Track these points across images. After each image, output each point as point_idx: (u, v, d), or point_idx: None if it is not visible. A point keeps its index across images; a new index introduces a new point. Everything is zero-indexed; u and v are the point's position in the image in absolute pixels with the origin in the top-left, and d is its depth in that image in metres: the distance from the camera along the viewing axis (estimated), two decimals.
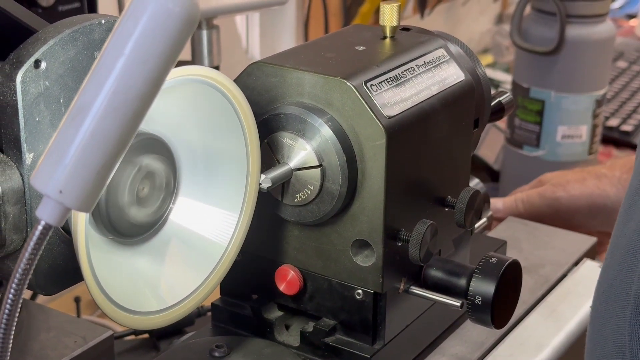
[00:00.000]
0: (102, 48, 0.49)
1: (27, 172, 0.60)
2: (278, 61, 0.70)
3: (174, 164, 0.69)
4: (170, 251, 0.70)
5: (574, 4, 1.34)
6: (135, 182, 0.65)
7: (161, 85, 0.49)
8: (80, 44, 0.62)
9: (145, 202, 0.67)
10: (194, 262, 0.70)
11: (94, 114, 0.48)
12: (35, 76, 0.59)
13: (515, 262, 0.73)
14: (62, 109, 0.61)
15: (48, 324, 0.77)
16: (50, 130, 0.61)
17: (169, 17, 0.48)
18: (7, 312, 0.48)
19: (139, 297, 0.66)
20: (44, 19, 0.67)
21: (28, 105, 0.59)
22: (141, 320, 0.65)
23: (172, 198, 0.69)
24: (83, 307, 1.15)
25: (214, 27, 1.12)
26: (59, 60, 0.61)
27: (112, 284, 0.63)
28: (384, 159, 0.66)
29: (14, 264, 0.62)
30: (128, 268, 0.67)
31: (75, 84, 0.62)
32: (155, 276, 0.68)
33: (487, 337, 0.79)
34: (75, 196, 0.48)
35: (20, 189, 0.60)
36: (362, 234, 0.69)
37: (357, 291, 0.70)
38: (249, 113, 0.68)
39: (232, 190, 0.70)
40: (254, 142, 0.68)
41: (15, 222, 0.60)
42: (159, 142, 0.67)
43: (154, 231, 0.69)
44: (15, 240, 0.61)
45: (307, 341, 0.72)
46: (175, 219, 0.70)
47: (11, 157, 0.60)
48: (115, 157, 0.49)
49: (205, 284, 0.69)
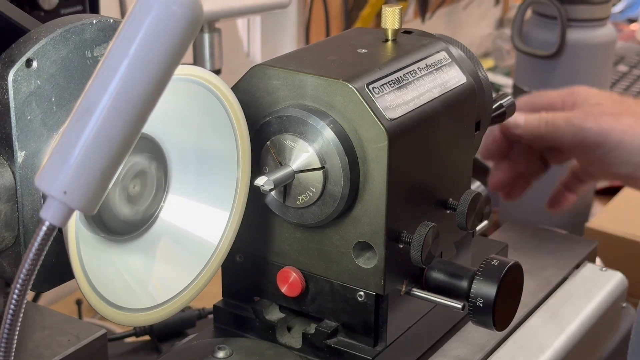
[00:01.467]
0: (107, 49, 0.49)
1: (19, 170, 0.61)
2: (280, 64, 0.70)
3: (165, 163, 0.70)
4: (161, 249, 0.70)
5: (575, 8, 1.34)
6: (126, 180, 0.66)
7: (165, 86, 0.50)
8: (71, 43, 0.62)
9: (136, 200, 0.68)
10: (185, 260, 0.70)
11: (98, 115, 0.48)
12: (27, 75, 0.60)
13: (517, 265, 0.73)
14: (54, 107, 0.62)
15: (43, 323, 0.77)
16: (41, 129, 0.61)
17: (173, 19, 0.48)
18: (11, 312, 0.49)
19: (130, 294, 0.67)
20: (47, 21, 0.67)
21: (20, 103, 0.60)
22: (132, 317, 0.66)
23: (163, 196, 0.70)
24: (85, 309, 1.15)
25: (216, 30, 1.13)
26: (50, 60, 0.61)
27: (103, 281, 0.64)
28: (386, 161, 0.67)
29: (6, 261, 0.63)
30: (119, 265, 0.68)
31: (66, 83, 0.62)
32: (146, 273, 0.69)
33: (488, 340, 0.79)
34: (80, 197, 0.48)
35: (11, 187, 0.61)
36: (364, 236, 0.69)
37: (359, 293, 0.71)
38: (239, 112, 0.68)
39: (223, 189, 0.70)
40: (245, 140, 0.69)
41: (7, 219, 0.61)
42: (149, 140, 0.68)
43: (144, 229, 0.70)
44: (7, 237, 0.61)
45: (309, 343, 0.73)
46: (166, 217, 0.70)
47: (3, 155, 0.61)
48: (119, 158, 0.49)
49: (196, 281, 0.70)
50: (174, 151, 0.70)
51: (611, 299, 0.89)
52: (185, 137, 0.70)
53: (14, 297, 0.49)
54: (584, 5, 1.34)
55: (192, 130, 0.69)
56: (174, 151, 0.70)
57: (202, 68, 0.66)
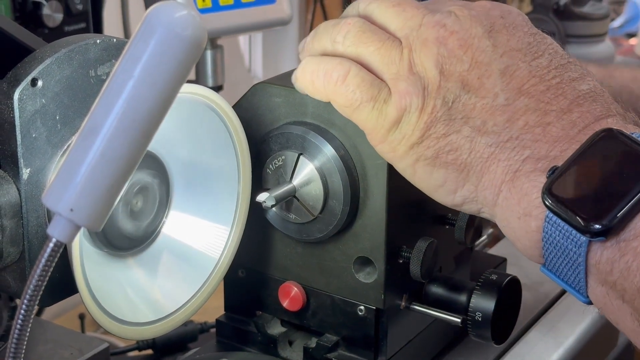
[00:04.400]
0: (112, 70, 0.50)
1: (24, 187, 0.62)
2: (282, 82, 0.71)
3: (167, 179, 0.71)
4: (163, 264, 0.71)
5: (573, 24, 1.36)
6: (129, 196, 0.67)
7: (169, 106, 0.51)
8: (75, 62, 0.63)
9: (138, 215, 0.69)
10: (187, 275, 0.71)
11: (104, 135, 0.49)
12: (32, 94, 0.61)
13: (515, 279, 0.74)
14: (58, 125, 0.63)
15: (46, 336, 0.78)
16: (46, 146, 0.62)
17: (177, 41, 0.49)
18: (19, 327, 0.49)
19: (132, 308, 0.68)
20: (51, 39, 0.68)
21: (25, 122, 0.61)
22: (134, 331, 0.67)
23: (165, 212, 0.71)
24: (87, 324, 1.16)
25: (218, 47, 1.14)
26: (55, 79, 0.62)
27: (106, 296, 0.65)
28: (386, 178, 0.67)
29: (10, 276, 0.64)
30: (121, 280, 0.69)
31: (70, 101, 0.63)
32: (148, 288, 0.70)
33: (487, 353, 0.80)
34: (86, 214, 0.49)
35: (17, 203, 0.62)
36: (364, 251, 0.70)
37: (359, 307, 0.71)
38: (240, 129, 0.70)
39: (224, 205, 0.71)
40: (245, 157, 0.70)
41: (12, 235, 0.62)
42: (152, 157, 0.69)
43: (147, 244, 0.71)
44: (12, 253, 0.62)
45: (310, 357, 0.73)
46: (168, 232, 0.72)
47: (8, 172, 0.62)
48: (125, 176, 0.50)
49: (197, 296, 0.71)
50: (176, 167, 0.71)
51: None
52: (187, 153, 0.71)
53: (22, 313, 0.49)
54: (582, 22, 1.36)
55: (193, 147, 0.71)
56: (176, 167, 0.71)
57: (203, 86, 0.67)
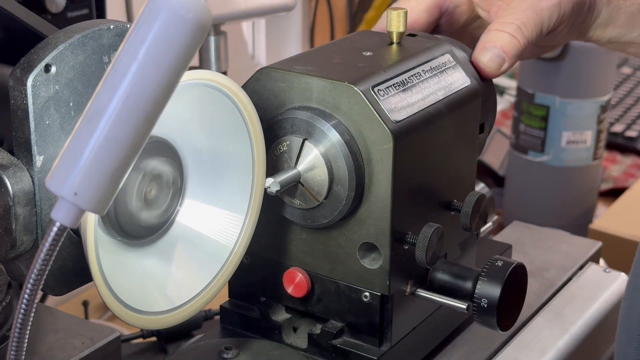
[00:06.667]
0: (116, 53, 0.50)
1: (37, 175, 0.61)
2: (286, 66, 0.71)
3: (181, 166, 0.70)
4: (177, 252, 0.71)
5: None
6: (143, 184, 0.66)
7: (174, 89, 0.50)
8: (89, 48, 0.63)
9: (152, 204, 0.68)
10: (201, 263, 0.71)
11: (108, 118, 0.49)
12: (45, 80, 0.60)
13: (521, 266, 0.74)
14: (72, 112, 0.62)
15: (56, 325, 0.78)
16: (60, 133, 0.62)
17: (182, 23, 0.49)
18: (22, 312, 0.49)
19: (147, 297, 0.67)
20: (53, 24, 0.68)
21: (38, 108, 0.60)
22: (149, 320, 0.66)
23: (179, 200, 0.70)
24: (91, 310, 1.16)
25: (222, 34, 1.13)
26: (68, 65, 0.61)
27: (120, 285, 0.64)
28: (391, 163, 0.67)
29: (24, 265, 0.63)
30: (136, 269, 0.68)
31: (84, 88, 0.63)
32: (162, 277, 0.69)
33: (492, 340, 0.80)
34: (90, 198, 0.49)
35: (30, 191, 0.61)
36: (369, 237, 0.70)
37: (364, 294, 0.71)
38: (255, 116, 0.69)
39: (238, 193, 0.71)
40: (260, 145, 0.69)
41: (25, 223, 0.61)
42: (166, 145, 0.68)
43: (161, 232, 0.70)
44: (26, 241, 0.62)
45: (314, 343, 0.73)
46: (182, 220, 0.71)
47: (22, 159, 0.61)
48: (129, 159, 0.50)
49: (212, 284, 0.70)
50: (189, 155, 0.70)
51: (615, 300, 0.89)
52: (200, 140, 0.70)
53: (25, 298, 0.49)
54: None
55: (207, 134, 0.70)
56: (189, 155, 0.70)
57: (215, 72, 0.66)
